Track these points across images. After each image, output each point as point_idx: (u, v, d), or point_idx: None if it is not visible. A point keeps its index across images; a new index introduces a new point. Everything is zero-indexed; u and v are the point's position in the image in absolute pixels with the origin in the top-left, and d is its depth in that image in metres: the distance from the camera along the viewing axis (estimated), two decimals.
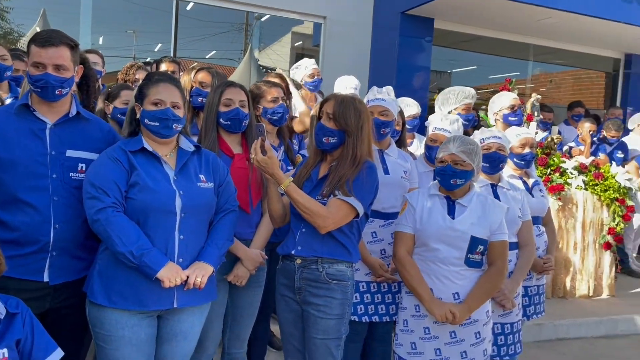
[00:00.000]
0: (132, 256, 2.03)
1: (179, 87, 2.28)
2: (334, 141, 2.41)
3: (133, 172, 2.13)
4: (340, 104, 2.41)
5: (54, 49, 2.09)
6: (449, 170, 2.53)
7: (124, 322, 2.12)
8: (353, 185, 2.33)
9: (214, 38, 8.62)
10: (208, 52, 8.95)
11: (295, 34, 9.01)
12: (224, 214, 2.33)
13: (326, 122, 2.42)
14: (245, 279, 2.56)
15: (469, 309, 2.48)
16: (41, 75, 2.09)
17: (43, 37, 2.11)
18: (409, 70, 6.67)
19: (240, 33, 9.06)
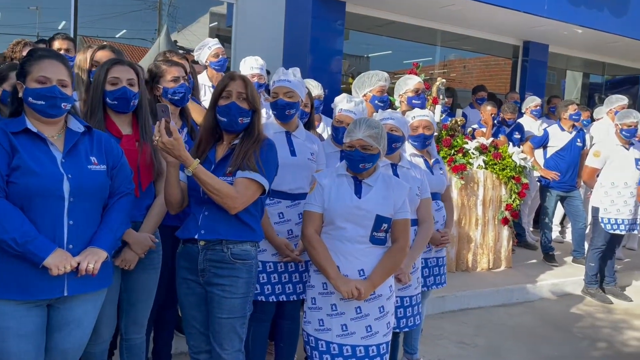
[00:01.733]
0: (16, 244, 1.92)
1: (65, 64, 2.16)
2: (246, 121, 2.41)
3: (15, 155, 2.01)
4: (249, 84, 2.43)
5: None
6: (357, 156, 2.58)
7: (9, 313, 2.01)
8: (260, 160, 2.35)
9: (124, 17, 8.24)
10: (117, 32, 8.55)
11: (213, 14, 8.79)
12: (119, 197, 2.26)
13: (240, 102, 2.40)
14: (133, 262, 2.49)
15: (372, 284, 2.57)
16: None
17: None
18: (322, 54, 6.72)
19: (154, 12, 8.72)
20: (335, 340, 2.61)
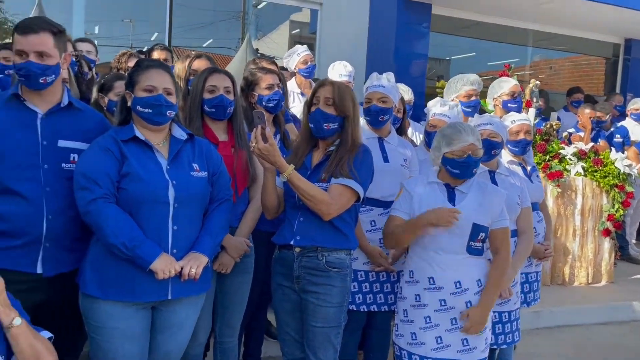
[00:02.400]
0: (125, 248, 2.00)
1: (170, 73, 2.24)
2: (334, 127, 2.39)
3: (125, 162, 2.09)
4: (338, 89, 2.40)
5: (34, 36, 2.04)
6: (471, 161, 2.48)
7: (117, 314, 2.09)
8: (353, 167, 2.32)
9: (211, 26, 8.54)
10: (205, 41, 8.87)
11: (293, 22, 8.92)
12: (219, 204, 2.30)
13: (325, 107, 2.38)
14: (229, 266, 2.53)
15: (487, 307, 2.49)
16: (24, 64, 2.04)
17: (25, 24, 2.06)
18: (407, 57, 6.61)
19: (237, 21, 8.98)
20: (429, 355, 2.51)
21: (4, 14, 8.16)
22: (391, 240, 2.60)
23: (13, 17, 7.81)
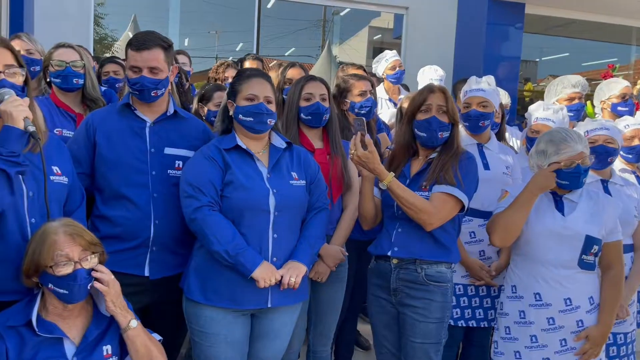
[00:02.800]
0: (228, 255, 2.02)
1: (270, 82, 2.26)
2: (446, 135, 2.32)
3: (228, 171, 2.12)
4: (448, 95, 2.33)
5: (147, 52, 2.13)
6: (581, 171, 2.31)
7: (219, 320, 2.12)
8: (459, 173, 2.24)
9: (293, 35, 8.68)
10: (287, 50, 9.01)
11: (372, 28, 8.87)
12: (316, 212, 2.29)
13: (440, 115, 2.30)
14: (325, 275, 2.51)
15: (607, 326, 2.33)
16: (137, 79, 2.14)
17: (138, 40, 2.15)
18: (498, 60, 6.33)
19: (318, 29, 9.06)
20: None
21: (104, 30, 8.73)
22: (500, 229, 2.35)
23: (112, 32, 8.34)
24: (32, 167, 1.77)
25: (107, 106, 2.41)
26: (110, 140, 2.19)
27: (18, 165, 1.69)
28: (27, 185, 1.78)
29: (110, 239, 2.13)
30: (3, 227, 1.73)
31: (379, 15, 8.33)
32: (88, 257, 1.71)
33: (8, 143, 1.66)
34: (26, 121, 1.70)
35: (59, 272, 1.65)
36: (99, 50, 7.30)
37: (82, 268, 1.69)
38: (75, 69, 2.73)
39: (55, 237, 1.66)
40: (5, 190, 1.68)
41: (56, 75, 2.73)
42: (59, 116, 2.73)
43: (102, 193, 2.21)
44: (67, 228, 1.70)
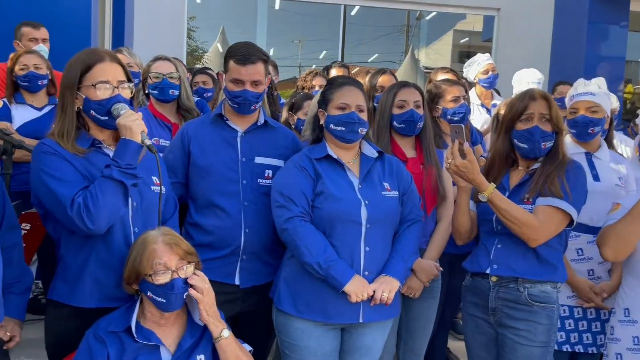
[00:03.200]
0: (319, 267, 1.98)
1: (362, 90, 2.20)
2: (550, 145, 2.15)
3: (319, 181, 2.09)
4: (552, 102, 2.15)
5: (252, 66, 2.13)
6: None
7: (309, 332, 2.08)
8: (566, 184, 2.06)
9: (376, 41, 8.63)
10: (370, 56, 8.97)
11: (457, 32, 8.63)
12: (409, 225, 2.20)
13: (543, 124, 2.13)
14: (418, 291, 2.41)
15: None
16: (240, 92, 2.15)
17: (242, 53, 2.14)
18: (600, 61, 5.89)
19: (401, 34, 8.96)
20: None
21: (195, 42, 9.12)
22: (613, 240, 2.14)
23: (203, 44, 8.70)
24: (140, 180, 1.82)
25: (201, 116, 2.47)
26: (204, 150, 2.22)
27: (134, 178, 1.74)
28: (132, 196, 1.83)
29: (203, 247, 2.15)
30: (109, 236, 1.79)
31: (465, 18, 8.09)
32: (184, 266, 1.73)
33: (126, 156, 1.72)
34: (142, 135, 1.76)
35: (157, 280, 1.68)
36: (191, 62, 7.63)
37: (179, 277, 1.71)
38: (171, 80, 2.83)
39: (154, 246, 1.70)
40: (122, 201, 1.74)
41: (154, 87, 2.84)
42: (157, 126, 2.84)
43: (196, 201, 2.24)
44: (166, 237, 1.72)
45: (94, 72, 1.78)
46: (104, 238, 1.78)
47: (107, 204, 1.68)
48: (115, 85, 1.80)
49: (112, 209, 1.71)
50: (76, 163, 1.76)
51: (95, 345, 1.65)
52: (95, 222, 1.68)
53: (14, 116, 3.06)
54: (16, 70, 3.07)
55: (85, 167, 1.77)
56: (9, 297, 1.71)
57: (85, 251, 1.80)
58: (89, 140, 1.82)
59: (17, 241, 1.85)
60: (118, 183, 1.70)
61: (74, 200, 1.67)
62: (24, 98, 3.13)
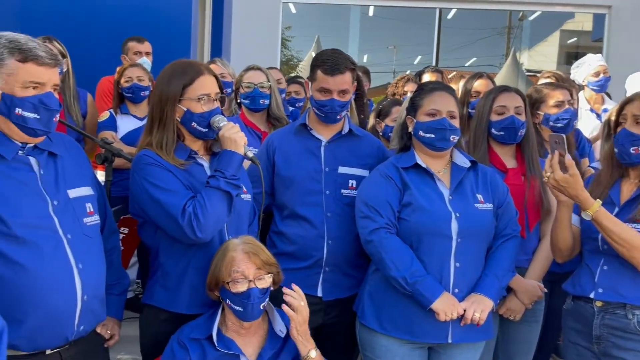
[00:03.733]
0: (406, 283, 1.89)
1: (454, 95, 2.09)
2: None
3: (406, 191, 2.00)
4: None
5: (340, 77, 2.10)
6: None
7: (394, 350, 2.00)
8: None
9: (474, 45, 8.35)
10: (467, 60, 8.69)
11: (564, 32, 8.12)
12: (504, 240, 2.04)
13: (633, 127, 1.91)
14: (519, 313, 2.23)
15: None
16: (327, 101, 2.12)
17: (330, 64, 2.10)
18: None
19: (502, 37, 8.61)
20: None
21: (290, 52, 9.32)
22: None
23: (298, 53, 8.87)
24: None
25: (285, 126, 2.47)
26: (288, 161, 2.21)
27: (238, 188, 1.79)
28: None
29: (286, 256, 2.14)
30: (207, 244, 1.83)
31: (573, 17, 7.59)
32: (263, 276, 1.72)
33: (231, 167, 1.77)
34: (245, 147, 1.81)
35: (234, 288, 1.69)
36: (286, 71, 7.80)
37: (256, 287, 1.70)
38: (262, 90, 2.87)
39: (234, 254, 1.71)
40: (227, 211, 1.78)
41: (245, 96, 2.89)
42: (247, 135, 2.88)
43: (281, 211, 2.24)
44: (246, 246, 1.73)
45: (195, 85, 1.83)
46: (202, 246, 1.83)
47: (215, 213, 1.73)
48: (214, 97, 1.85)
49: (218, 219, 1.77)
50: (177, 173, 1.81)
51: (179, 351, 1.68)
52: (204, 231, 1.73)
53: (118, 126, 3.26)
54: (121, 82, 3.27)
55: (186, 178, 1.82)
56: (108, 297, 1.79)
57: (185, 259, 1.85)
58: (186, 151, 1.87)
59: (117, 245, 1.94)
60: (224, 193, 1.75)
61: (185, 210, 1.72)
62: (128, 109, 3.33)
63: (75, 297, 1.56)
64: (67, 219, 1.59)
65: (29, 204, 1.53)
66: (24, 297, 1.49)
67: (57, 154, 1.65)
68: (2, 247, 1.47)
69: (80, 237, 1.61)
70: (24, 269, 1.48)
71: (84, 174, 1.74)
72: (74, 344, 1.62)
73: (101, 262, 1.70)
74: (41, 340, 1.54)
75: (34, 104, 1.52)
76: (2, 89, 1.50)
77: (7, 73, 1.50)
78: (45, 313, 1.51)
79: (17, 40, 1.51)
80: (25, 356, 1.53)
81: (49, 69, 1.54)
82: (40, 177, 1.59)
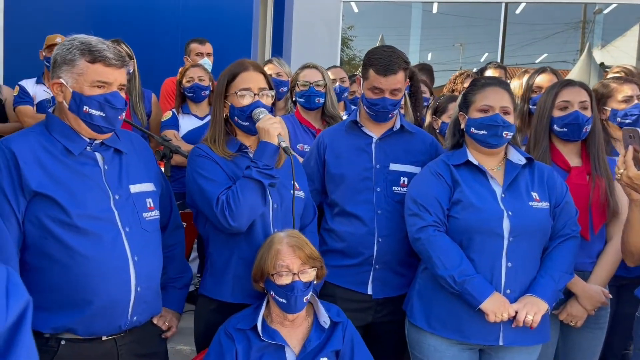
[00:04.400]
0: (454, 282, 1.84)
1: (509, 90, 2.01)
2: None
3: (456, 188, 1.95)
4: None
5: (393, 77, 2.08)
6: None
7: (443, 351, 1.95)
8: None
9: (545, 40, 8.02)
10: (537, 57, 8.36)
11: None
12: (562, 240, 1.95)
13: None
14: (581, 319, 2.12)
15: None
16: (378, 100, 2.10)
17: (383, 64, 2.08)
18: None
19: (576, 31, 8.22)
20: None
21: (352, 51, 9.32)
22: None
23: (360, 52, 8.86)
24: (279, 182, 1.88)
25: (336, 124, 2.47)
26: (338, 158, 2.21)
27: (271, 178, 1.82)
28: (273, 198, 1.91)
29: (336, 253, 2.15)
30: (251, 235, 1.88)
31: None
32: (307, 270, 1.73)
33: (264, 157, 1.81)
34: (279, 137, 1.83)
35: (279, 281, 1.71)
36: (348, 70, 7.81)
37: (299, 280, 1.72)
38: (317, 88, 2.89)
39: (279, 247, 1.73)
40: (260, 200, 1.83)
41: (301, 95, 2.92)
42: (302, 133, 2.91)
43: (332, 208, 2.24)
44: (291, 239, 1.75)
45: (237, 80, 1.90)
46: (246, 237, 1.88)
47: (247, 202, 1.78)
48: (256, 92, 1.89)
49: (251, 208, 1.80)
50: (224, 165, 1.88)
51: (225, 341, 1.73)
52: (237, 219, 1.78)
53: (180, 125, 3.39)
54: (183, 82, 3.40)
55: (232, 169, 1.89)
56: (170, 291, 1.87)
57: (229, 249, 1.91)
58: (237, 145, 1.94)
59: (181, 239, 2.01)
60: (257, 183, 1.79)
61: (219, 199, 1.79)
62: (189, 108, 3.45)
63: (129, 287, 1.62)
64: (127, 213, 1.67)
65: (92, 197, 1.61)
66: (84, 285, 1.56)
67: (122, 151, 1.73)
68: (65, 237, 1.55)
69: (138, 230, 1.68)
70: (85, 258, 1.56)
71: (149, 170, 1.82)
72: (129, 333, 1.69)
73: (157, 256, 1.76)
74: (97, 327, 1.61)
75: (100, 102, 1.61)
76: (73, 88, 1.60)
77: (77, 73, 1.60)
78: (103, 301, 1.58)
79: (88, 42, 1.61)
80: (83, 340, 1.61)
81: (116, 69, 1.63)
82: (104, 172, 1.67)
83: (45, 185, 1.55)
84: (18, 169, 1.55)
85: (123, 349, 1.68)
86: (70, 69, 1.60)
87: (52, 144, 1.62)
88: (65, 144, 1.63)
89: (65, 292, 1.56)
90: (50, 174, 1.58)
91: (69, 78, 1.60)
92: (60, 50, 1.62)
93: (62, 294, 1.56)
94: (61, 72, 1.61)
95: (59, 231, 1.55)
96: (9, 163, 1.55)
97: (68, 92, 1.61)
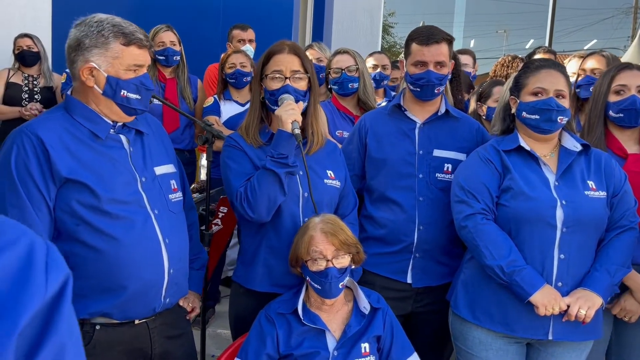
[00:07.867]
0: (502, 272, 1.77)
1: (564, 73, 1.91)
2: None
3: (506, 175, 1.87)
4: None
5: (436, 46, 2.01)
6: None
7: (488, 343, 1.89)
8: None
9: (594, 27, 7.72)
10: (586, 43, 8.06)
11: None
12: (620, 232, 1.85)
13: None
14: (635, 314, 2.01)
15: None
16: (422, 74, 2.03)
17: (424, 34, 2.03)
18: None
19: (627, 16, 7.88)
20: None
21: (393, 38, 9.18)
22: None
23: (401, 39, 8.72)
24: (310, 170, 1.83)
25: (379, 108, 2.41)
26: (380, 142, 2.15)
27: (287, 167, 1.77)
28: (303, 187, 1.87)
29: (375, 240, 2.11)
30: (279, 225, 1.86)
31: None
32: (341, 255, 1.70)
33: (279, 145, 1.77)
34: (294, 124, 1.77)
35: (313, 267, 1.69)
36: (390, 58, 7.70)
37: (333, 267, 1.68)
38: (349, 73, 2.83)
39: (313, 233, 1.70)
40: (278, 190, 1.78)
41: (334, 82, 2.88)
42: (340, 119, 2.87)
43: (371, 194, 2.19)
44: (326, 226, 1.71)
45: (271, 62, 1.87)
46: (274, 226, 1.85)
47: (264, 193, 1.75)
48: (288, 75, 1.84)
49: (269, 198, 1.77)
50: (253, 154, 1.86)
51: (266, 325, 1.71)
52: (255, 211, 1.77)
53: (222, 111, 3.40)
54: (225, 68, 3.39)
55: (260, 158, 1.85)
56: (190, 272, 1.84)
57: (258, 238, 1.89)
58: (268, 135, 1.90)
59: (195, 220, 1.99)
60: (270, 172, 1.75)
61: (238, 191, 1.79)
62: (231, 94, 3.45)
63: (163, 270, 1.62)
64: (154, 195, 1.65)
65: (121, 180, 1.59)
66: (119, 269, 1.55)
67: (143, 132, 1.70)
68: (98, 222, 1.52)
69: (166, 212, 1.67)
70: (119, 242, 1.54)
71: (168, 151, 1.80)
72: (160, 315, 1.69)
73: (185, 237, 1.76)
74: (132, 310, 1.61)
75: (136, 86, 1.59)
76: (108, 72, 1.55)
77: (112, 56, 1.54)
78: (138, 285, 1.58)
79: (119, 24, 1.56)
80: (117, 324, 1.61)
81: (147, 51, 1.61)
82: (130, 154, 1.64)
83: (75, 171, 1.52)
84: (47, 155, 1.49)
85: (154, 331, 1.68)
86: (104, 52, 1.54)
87: (77, 128, 1.57)
88: (90, 127, 1.58)
89: (100, 278, 1.54)
90: (79, 159, 1.54)
91: (102, 62, 1.54)
92: (87, 32, 1.53)
93: (98, 280, 1.54)
94: (91, 55, 1.53)
95: (91, 217, 1.52)
96: (36, 150, 1.49)
97: (101, 76, 1.55)
